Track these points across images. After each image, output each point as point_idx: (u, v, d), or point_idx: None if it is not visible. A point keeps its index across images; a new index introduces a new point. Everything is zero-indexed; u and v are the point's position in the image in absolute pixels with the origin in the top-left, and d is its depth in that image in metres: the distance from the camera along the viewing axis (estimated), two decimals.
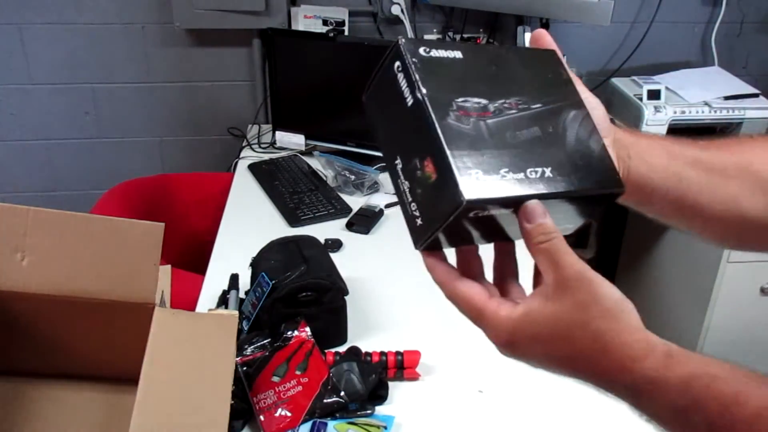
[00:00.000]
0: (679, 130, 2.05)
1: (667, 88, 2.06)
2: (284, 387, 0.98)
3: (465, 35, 2.21)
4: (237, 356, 1.00)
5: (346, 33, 2.09)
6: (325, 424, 0.96)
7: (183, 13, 2.00)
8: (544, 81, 0.49)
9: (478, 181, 0.40)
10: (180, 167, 2.28)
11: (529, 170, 0.42)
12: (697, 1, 2.29)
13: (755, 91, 2.08)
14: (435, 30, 2.22)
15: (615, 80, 2.21)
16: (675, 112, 2.00)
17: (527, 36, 2.15)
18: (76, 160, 2.27)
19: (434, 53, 0.44)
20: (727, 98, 2.04)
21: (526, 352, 0.43)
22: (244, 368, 1.00)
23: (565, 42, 2.24)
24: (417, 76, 0.42)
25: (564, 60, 0.51)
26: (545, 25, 2.16)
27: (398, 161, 0.44)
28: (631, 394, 0.41)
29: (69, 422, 0.90)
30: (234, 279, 1.27)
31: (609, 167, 0.47)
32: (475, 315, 0.43)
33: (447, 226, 0.41)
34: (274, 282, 1.09)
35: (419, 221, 0.42)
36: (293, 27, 2.06)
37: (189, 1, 1.98)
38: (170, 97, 2.21)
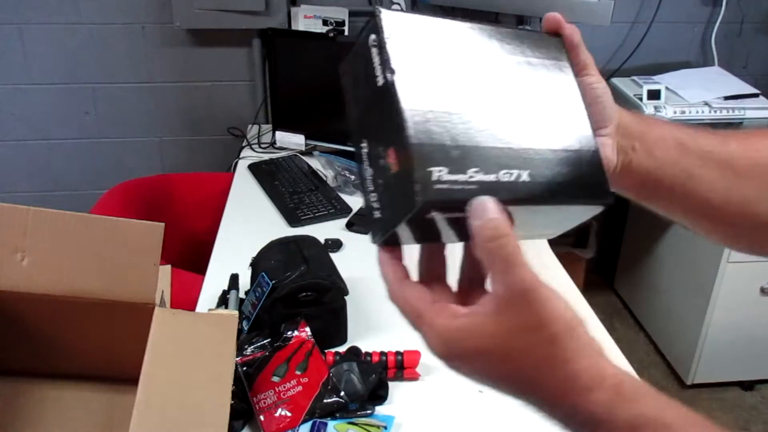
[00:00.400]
0: None
1: (667, 88, 2.07)
2: (284, 387, 0.98)
3: None
4: (237, 356, 1.00)
5: (346, 33, 2.09)
6: (325, 424, 0.96)
7: (183, 13, 2.00)
8: (542, 71, 0.45)
9: (440, 180, 0.35)
10: (180, 167, 2.28)
11: (502, 172, 0.38)
12: (697, 1, 2.29)
13: (755, 91, 2.08)
14: None
15: (615, 80, 2.21)
16: (675, 112, 2.00)
17: None
18: (76, 160, 2.27)
19: (419, 27, 0.40)
20: (727, 98, 2.04)
21: (463, 366, 0.38)
22: (244, 368, 1.00)
23: None
24: (390, 55, 0.38)
25: (578, 44, 0.48)
26: None
27: (364, 144, 0.40)
28: (574, 427, 0.38)
29: (69, 422, 0.90)
30: (234, 279, 1.27)
31: (598, 174, 0.42)
32: (413, 319, 0.39)
33: (403, 225, 0.37)
34: (274, 282, 1.09)
35: (377, 214, 0.39)
36: (293, 27, 2.06)
37: (189, 1, 1.98)
38: (170, 97, 2.21)
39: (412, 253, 0.42)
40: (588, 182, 0.41)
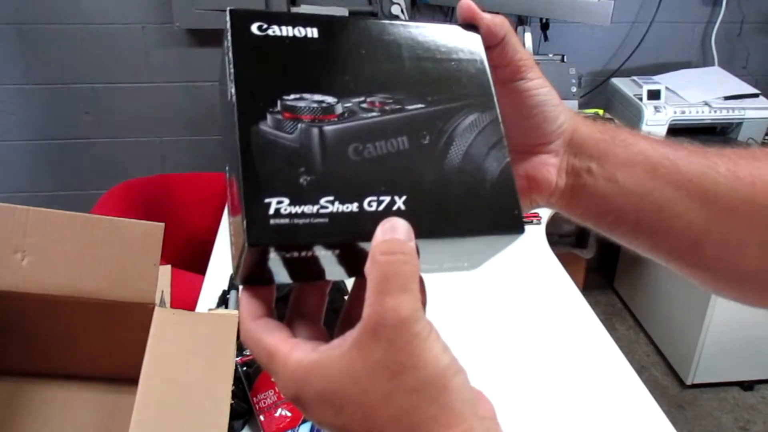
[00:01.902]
0: (679, 130, 2.05)
1: (667, 88, 2.07)
2: None
3: None
4: (237, 356, 1.00)
5: None
6: None
7: (183, 13, 2.00)
8: (442, 71, 0.35)
9: (279, 213, 0.29)
10: (180, 167, 2.28)
11: (368, 199, 0.30)
12: (697, 1, 2.29)
13: (755, 91, 2.08)
14: None
15: (615, 80, 2.21)
16: (675, 112, 2.00)
17: (527, 36, 2.15)
18: (76, 160, 2.27)
19: (274, 31, 0.33)
20: (727, 98, 2.04)
21: (315, 415, 0.30)
22: (244, 368, 1.00)
23: (565, 42, 2.24)
24: (233, 63, 0.31)
25: (505, 40, 0.38)
26: (545, 25, 2.17)
27: (227, 170, 0.33)
28: None
29: (69, 422, 0.90)
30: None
31: (505, 199, 0.33)
32: (266, 359, 0.31)
33: (246, 266, 0.30)
34: None
35: (232, 249, 0.32)
36: None
37: (189, 1, 1.98)
38: (170, 97, 2.21)
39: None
40: (490, 207, 0.33)
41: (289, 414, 0.95)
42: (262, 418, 0.95)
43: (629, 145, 0.41)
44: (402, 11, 2.09)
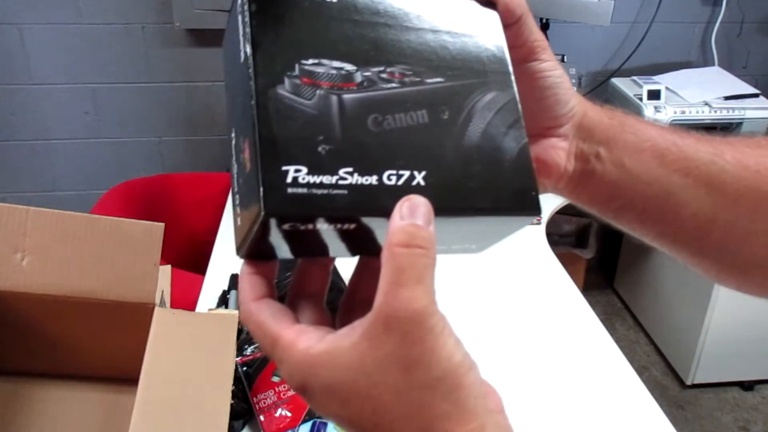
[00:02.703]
0: None
1: (667, 88, 2.07)
2: (284, 387, 0.98)
3: None
4: (237, 356, 1.00)
5: None
6: (325, 425, 0.95)
7: (183, 13, 2.00)
8: (461, 46, 0.34)
9: (296, 182, 0.27)
10: (180, 167, 2.29)
11: (388, 173, 0.29)
12: (697, 1, 2.29)
13: (755, 91, 2.08)
14: None
15: (615, 80, 2.22)
16: (675, 112, 2.00)
17: None
18: (76, 160, 2.27)
19: None
20: (727, 98, 2.04)
21: (321, 406, 0.30)
22: (244, 368, 1.00)
23: (565, 42, 2.24)
24: (248, 22, 0.30)
25: (522, 20, 0.37)
26: (545, 25, 2.17)
27: (233, 135, 0.32)
28: None
29: (69, 422, 0.90)
30: (234, 279, 1.27)
31: (523, 180, 0.33)
32: (269, 346, 0.30)
33: (255, 239, 0.29)
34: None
35: (238, 220, 0.31)
36: None
37: (189, 1, 1.98)
38: (170, 97, 2.21)
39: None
40: (509, 187, 0.32)
41: (289, 414, 0.95)
42: (262, 418, 0.95)
43: (638, 131, 0.41)
44: None
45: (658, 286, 2.32)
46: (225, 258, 1.41)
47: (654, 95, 2.04)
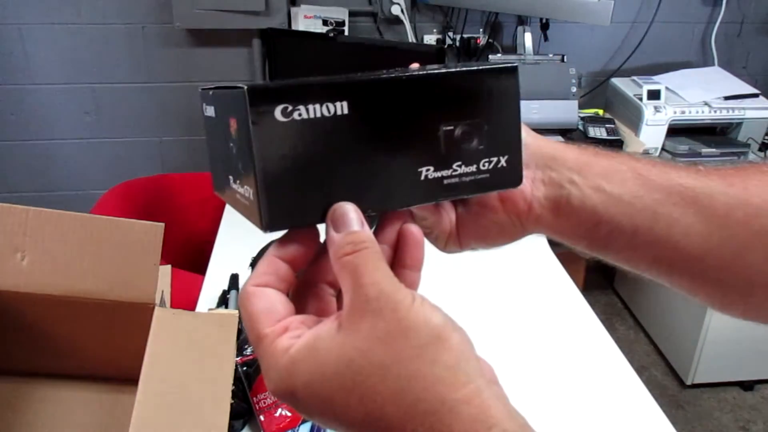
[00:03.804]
0: (679, 130, 2.05)
1: (667, 88, 2.07)
2: None
3: (465, 35, 2.21)
4: (237, 356, 1.00)
5: (346, 33, 2.09)
6: None
7: (183, 13, 2.00)
8: None
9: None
10: (180, 167, 2.29)
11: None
12: (697, 1, 2.29)
13: (755, 91, 2.08)
14: (435, 30, 2.22)
15: (615, 80, 2.21)
16: (675, 112, 2.00)
17: (527, 36, 2.15)
18: (76, 160, 2.27)
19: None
20: (727, 98, 2.04)
21: (306, 409, 0.29)
22: (244, 368, 1.00)
23: (565, 42, 2.24)
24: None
25: None
26: (545, 25, 2.17)
27: (230, 178, 0.35)
28: None
29: (69, 422, 0.90)
30: (234, 279, 1.27)
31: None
32: (253, 340, 0.30)
33: (263, 162, 0.29)
34: None
35: (241, 190, 0.32)
36: (293, 27, 2.06)
37: (189, 1, 1.98)
38: (170, 97, 2.21)
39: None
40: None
41: (289, 414, 0.95)
42: (262, 418, 0.95)
43: (613, 157, 0.40)
44: (402, 11, 2.09)
45: (658, 286, 2.30)
46: (225, 258, 1.41)
47: (654, 95, 2.04)
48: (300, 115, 0.30)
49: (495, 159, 0.35)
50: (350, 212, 0.30)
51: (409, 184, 0.33)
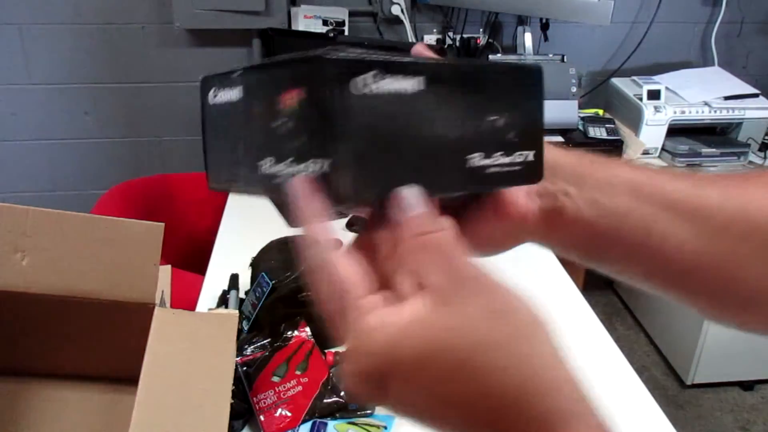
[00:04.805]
0: (679, 130, 2.05)
1: (667, 88, 2.07)
2: (284, 387, 0.98)
3: (465, 35, 2.21)
4: (237, 356, 1.00)
5: (346, 33, 2.09)
6: (325, 424, 0.95)
7: (183, 13, 2.00)
8: None
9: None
10: (180, 167, 2.28)
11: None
12: (697, 1, 2.29)
13: (755, 91, 2.08)
14: (435, 30, 2.22)
15: (615, 80, 2.21)
16: (675, 112, 2.00)
17: (527, 36, 2.15)
18: (76, 160, 2.27)
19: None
20: (727, 98, 2.04)
21: (406, 388, 0.28)
22: (244, 368, 1.00)
23: (565, 42, 2.24)
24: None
25: None
26: (545, 25, 2.17)
27: (265, 161, 0.35)
28: None
29: (69, 422, 0.90)
30: (234, 279, 1.27)
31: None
32: (343, 309, 0.29)
33: (346, 127, 0.29)
34: (274, 282, 1.09)
35: (322, 166, 0.30)
36: (293, 27, 2.06)
37: (189, 1, 1.98)
38: (170, 97, 2.21)
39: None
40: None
41: (289, 414, 0.95)
42: (262, 418, 0.95)
43: (609, 168, 0.39)
44: (402, 11, 2.09)
45: None
46: (225, 258, 1.41)
47: (654, 95, 2.04)
48: (377, 88, 0.30)
49: (526, 153, 0.36)
50: (420, 194, 0.30)
51: (457, 170, 0.33)
